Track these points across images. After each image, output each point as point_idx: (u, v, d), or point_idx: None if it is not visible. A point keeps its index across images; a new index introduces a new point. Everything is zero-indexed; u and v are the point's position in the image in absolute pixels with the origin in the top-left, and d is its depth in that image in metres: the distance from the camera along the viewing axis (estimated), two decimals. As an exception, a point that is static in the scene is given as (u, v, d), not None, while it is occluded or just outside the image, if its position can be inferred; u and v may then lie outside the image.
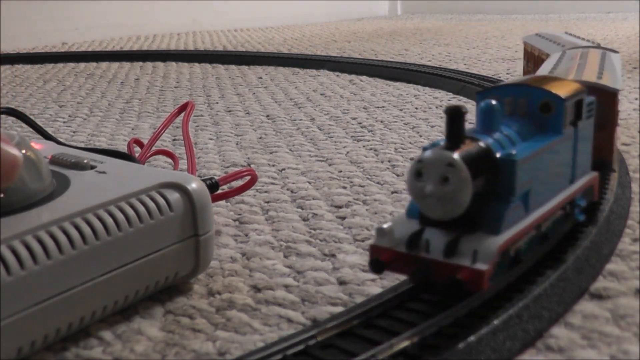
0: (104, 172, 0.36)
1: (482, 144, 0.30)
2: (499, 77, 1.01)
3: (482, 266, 0.28)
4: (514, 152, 0.30)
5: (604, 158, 0.44)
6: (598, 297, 0.33)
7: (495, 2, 2.73)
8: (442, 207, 0.29)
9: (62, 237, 0.29)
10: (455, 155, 0.28)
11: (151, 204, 0.33)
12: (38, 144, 0.41)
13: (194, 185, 0.34)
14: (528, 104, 0.35)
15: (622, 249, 0.38)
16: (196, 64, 1.33)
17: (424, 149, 0.30)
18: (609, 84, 0.43)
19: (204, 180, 0.40)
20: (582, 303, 0.32)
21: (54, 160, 0.37)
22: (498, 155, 0.30)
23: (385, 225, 0.30)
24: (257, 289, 0.35)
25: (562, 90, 0.35)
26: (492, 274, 0.29)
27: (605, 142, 0.44)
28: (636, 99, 0.81)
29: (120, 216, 0.31)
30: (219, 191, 0.43)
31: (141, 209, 0.32)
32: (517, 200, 0.30)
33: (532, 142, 0.32)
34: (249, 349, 0.29)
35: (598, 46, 0.62)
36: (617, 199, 0.43)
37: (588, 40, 0.67)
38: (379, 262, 0.30)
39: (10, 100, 0.98)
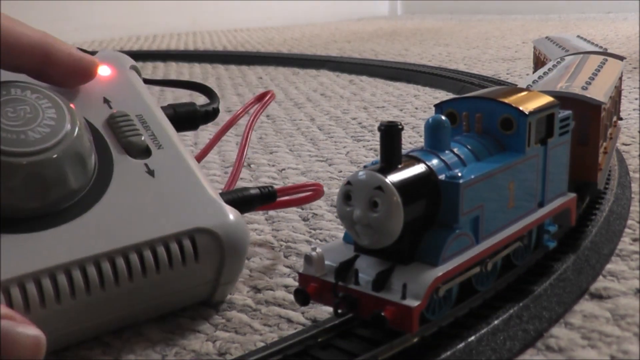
0: (151, 173, 0.32)
1: (422, 165, 0.27)
2: (499, 77, 1.01)
3: (411, 302, 0.25)
4: (458, 174, 0.27)
5: (587, 178, 0.39)
6: (598, 297, 0.33)
7: (495, 2, 2.73)
8: (371, 234, 0.26)
9: (73, 281, 0.28)
10: (385, 178, 0.25)
11: (176, 253, 0.30)
12: (112, 67, 0.36)
13: (232, 233, 0.31)
14: (486, 119, 0.31)
15: (622, 249, 0.38)
16: (196, 64, 1.33)
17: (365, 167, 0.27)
18: (593, 96, 0.38)
19: (260, 189, 0.37)
20: (582, 303, 0.32)
21: (111, 123, 0.33)
22: (441, 177, 0.27)
23: (313, 252, 0.27)
24: (257, 289, 0.35)
25: (527, 104, 0.31)
26: (431, 309, 0.27)
27: (589, 159, 0.39)
28: (636, 99, 0.81)
29: (136, 265, 0.29)
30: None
31: (163, 257, 0.29)
32: (462, 228, 0.27)
33: (486, 163, 0.29)
34: (249, 349, 0.29)
35: (605, 52, 0.61)
36: (617, 199, 0.43)
37: (597, 45, 0.66)
38: (303, 292, 0.27)
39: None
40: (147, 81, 0.39)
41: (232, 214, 0.32)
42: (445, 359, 0.26)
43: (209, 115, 0.40)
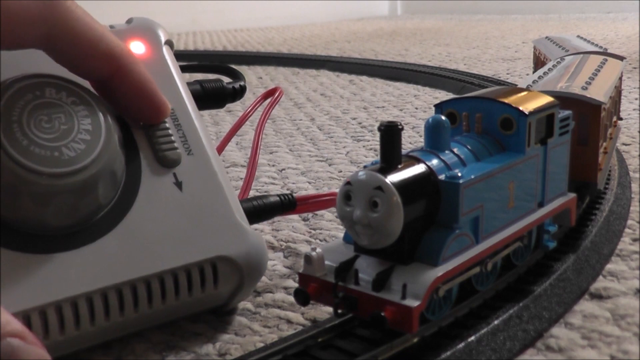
0: (179, 185, 0.30)
1: (422, 165, 0.27)
2: (499, 77, 1.01)
3: (411, 302, 0.25)
4: (458, 174, 0.27)
5: (587, 178, 0.39)
6: (598, 297, 0.33)
7: (495, 2, 2.73)
8: (371, 234, 0.26)
9: (94, 307, 0.27)
10: (385, 178, 0.25)
11: (196, 281, 0.29)
12: (148, 45, 0.34)
13: (252, 261, 0.31)
14: (486, 119, 0.31)
15: (622, 249, 0.38)
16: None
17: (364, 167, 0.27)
18: (593, 96, 0.38)
19: (280, 197, 0.37)
20: (582, 303, 0.32)
21: (148, 134, 0.31)
22: (441, 177, 0.27)
23: (314, 252, 0.27)
24: (256, 292, 0.35)
25: (527, 104, 0.31)
26: (431, 309, 0.27)
27: (589, 159, 0.39)
28: (636, 99, 0.81)
29: (157, 293, 0.28)
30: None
31: (183, 285, 0.29)
32: (462, 228, 0.27)
33: (486, 163, 0.29)
34: (248, 349, 0.29)
35: (605, 52, 0.60)
36: (617, 199, 0.43)
37: (597, 45, 0.66)
38: (303, 293, 0.27)
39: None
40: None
41: (253, 237, 0.31)
42: (445, 359, 0.26)
43: (237, 92, 0.39)
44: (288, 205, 0.38)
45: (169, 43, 0.35)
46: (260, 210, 0.36)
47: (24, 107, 0.27)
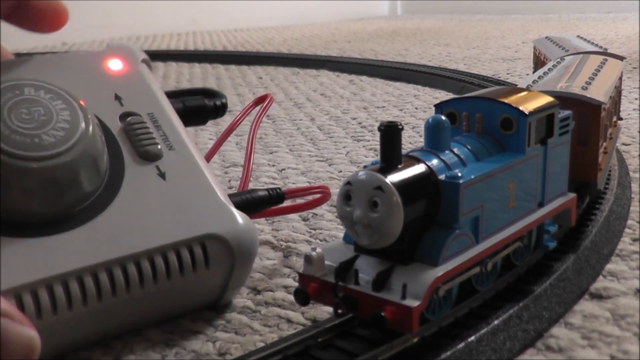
0: (162, 176, 0.32)
1: (422, 165, 0.27)
2: (499, 77, 1.01)
3: (411, 302, 0.25)
4: (458, 174, 0.27)
5: (587, 178, 0.39)
6: (598, 297, 0.33)
7: (495, 2, 2.73)
8: (371, 234, 0.26)
9: (85, 288, 0.28)
10: (385, 178, 0.25)
11: (187, 260, 0.30)
12: (124, 61, 0.36)
13: (242, 239, 0.31)
14: (486, 119, 0.31)
15: (622, 249, 0.38)
16: (196, 64, 1.33)
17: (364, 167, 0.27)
18: (593, 96, 0.38)
19: (268, 191, 0.38)
20: (582, 303, 0.32)
21: (127, 130, 0.32)
22: (441, 177, 0.27)
23: (313, 252, 0.27)
24: (256, 290, 0.35)
25: (527, 104, 0.31)
26: (431, 309, 0.27)
27: (589, 159, 0.39)
28: (636, 99, 0.81)
29: (148, 272, 0.29)
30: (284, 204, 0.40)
31: (174, 264, 0.29)
32: (462, 228, 0.27)
33: (486, 163, 0.29)
34: (249, 349, 0.29)
35: (605, 52, 0.60)
36: (617, 199, 0.43)
37: (597, 45, 0.66)
38: (303, 292, 0.27)
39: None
40: None
41: (242, 218, 0.32)
42: (445, 359, 0.26)
43: (218, 109, 0.40)
44: (276, 198, 0.38)
45: (146, 62, 0.37)
46: (249, 204, 0.36)
47: (5, 104, 0.28)
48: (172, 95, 0.36)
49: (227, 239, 0.31)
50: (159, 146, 0.32)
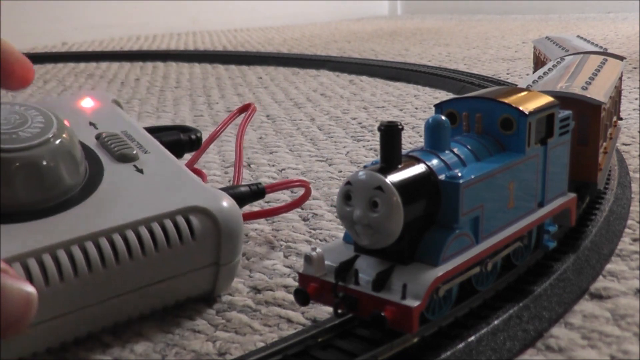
0: (140, 171, 0.34)
1: (422, 165, 0.27)
2: (499, 77, 1.01)
3: (411, 302, 0.25)
4: (458, 174, 0.27)
5: (587, 178, 0.39)
6: (598, 297, 0.33)
7: (495, 2, 2.73)
8: (371, 234, 0.26)
9: (74, 259, 0.29)
10: (385, 178, 0.25)
11: (172, 231, 0.31)
12: (96, 100, 0.40)
13: (226, 211, 0.32)
14: (486, 119, 0.31)
15: (622, 249, 0.38)
16: (196, 64, 1.33)
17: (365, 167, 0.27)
18: (593, 96, 0.38)
19: (249, 186, 0.40)
20: (582, 303, 0.32)
21: (103, 142, 0.35)
22: (441, 177, 0.27)
23: (313, 252, 0.27)
24: (257, 290, 0.35)
25: (527, 104, 0.31)
26: (431, 309, 0.27)
27: (589, 159, 0.39)
28: (636, 99, 0.81)
29: (134, 242, 0.30)
30: (269, 207, 0.42)
31: (160, 235, 0.30)
32: (462, 228, 0.27)
33: (486, 163, 0.29)
34: (249, 349, 0.29)
35: (605, 52, 0.60)
36: (617, 199, 0.43)
37: (597, 45, 0.66)
38: (303, 292, 0.27)
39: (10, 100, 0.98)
40: None
41: (221, 194, 0.33)
42: (445, 359, 0.26)
43: (193, 142, 0.43)
44: (257, 193, 0.40)
45: (116, 102, 0.41)
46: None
47: None
48: (148, 131, 0.39)
49: (209, 209, 0.32)
50: (135, 151, 0.35)
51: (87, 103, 0.39)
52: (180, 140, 0.42)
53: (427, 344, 0.27)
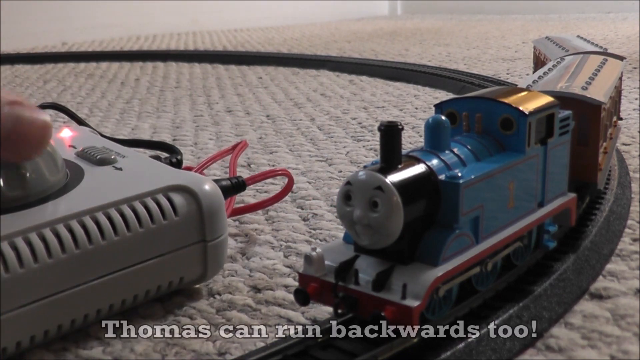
0: (120, 169, 0.35)
1: (422, 165, 0.27)
2: (499, 77, 1.01)
3: (411, 302, 0.25)
4: (458, 174, 0.27)
5: (587, 178, 0.39)
6: (598, 297, 0.33)
7: (495, 2, 2.73)
8: (371, 234, 0.26)
9: (61, 237, 0.29)
10: (385, 178, 0.25)
11: (154, 208, 0.32)
12: (74, 131, 0.43)
13: (205, 188, 0.33)
14: (486, 119, 0.31)
15: (622, 249, 0.38)
16: (196, 64, 1.33)
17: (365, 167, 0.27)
18: (593, 96, 0.38)
19: (230, 179, 0.41)
20: (582, 303, 0.32)
21: (83, 154, 0.37)
22: (441, 177, 0.27)
23: (313, 252, 0.27)
24: (257, 289, 0.35)
25: (527, 104, 0.31)
26: (431, 309, 0.27)
27: (589, 159, 0.39)
28: (636, 99, 0.81)
29: (118, 220, 0.31)
30: (255, 201, 0.42)
31: (143, 212, 0.31)
32: (462, 228, 0.27)
33: (486, 163, 0.29)
34: (248, 349, 0.29)
35: (605, 52, 0.60)
36: (617, 199, 0.43)
37: (597, 45, 0.66)
38: (303, 292, 0.27)
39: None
40: (109, 138, 0.45)
41: (200, 176, 0.35)
42: (445, 359, 0.26)
43: (174, 166, 0.44)
44: (238, 186, 0.41)
45: (95, 132, 0.45)
46: None
47: None
48: (127, 143, 0.42)
49: (189, 186, 0.33)
50: (113, 155, 0.37)
51: (65, 133, 0.43)
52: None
53: (427, 344, 0.27)
